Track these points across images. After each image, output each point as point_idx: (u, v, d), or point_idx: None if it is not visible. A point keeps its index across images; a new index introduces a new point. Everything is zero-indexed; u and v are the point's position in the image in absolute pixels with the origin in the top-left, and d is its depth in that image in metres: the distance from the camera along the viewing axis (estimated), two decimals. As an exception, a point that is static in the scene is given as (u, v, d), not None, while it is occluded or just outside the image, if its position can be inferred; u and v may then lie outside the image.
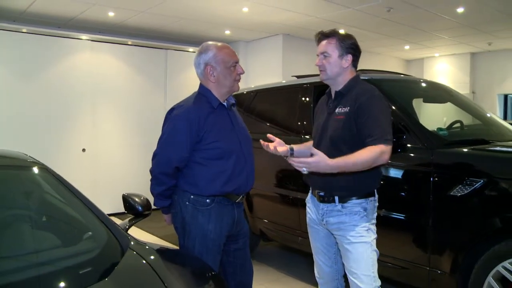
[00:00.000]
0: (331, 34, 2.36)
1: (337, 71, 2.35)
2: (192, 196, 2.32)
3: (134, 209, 2.48)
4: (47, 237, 2.08)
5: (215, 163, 2.30)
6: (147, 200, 2.51)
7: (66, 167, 5.76)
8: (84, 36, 6.57)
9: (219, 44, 2.42)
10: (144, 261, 1.88)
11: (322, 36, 2.39)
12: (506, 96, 9.75)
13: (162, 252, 2.09)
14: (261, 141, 2.38)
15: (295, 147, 2.49)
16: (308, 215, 2.55)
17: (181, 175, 2.37)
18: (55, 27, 6.87)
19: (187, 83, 7.16)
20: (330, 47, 2.34)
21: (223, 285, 1.91)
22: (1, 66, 5.86)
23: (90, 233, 2.12)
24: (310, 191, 2.54)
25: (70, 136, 6.39)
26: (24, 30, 6.09)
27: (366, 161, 2.09)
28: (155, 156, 2.38)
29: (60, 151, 6.18)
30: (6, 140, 5.34)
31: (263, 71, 7.86)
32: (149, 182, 2.41)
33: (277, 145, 2.39)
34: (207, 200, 2.32)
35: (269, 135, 2.39)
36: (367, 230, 2.29)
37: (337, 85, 2.39)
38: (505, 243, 2.46)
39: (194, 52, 7.43)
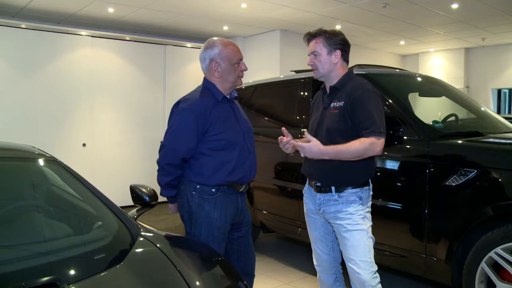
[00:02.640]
0: (318, 34, 2.46)
1: (329, 68, 2.45)
2: (198, 186, 2.41)
3: (141, 199, 2.54)
4: (60, 226, 2.15)
5: (220, 154, 2.39)
6: (154, 191, 2.57)
7: (66, 161, 5.76)
8: (84, 32, 6.62)
9: (225, 40, 2.49)
10: (155, 247, 1.96)
11: (310, 36, 2.49)
12: (499, 91, 9.87)
13: (171, 239, 2.16)
14: (280, 138, 2.45)
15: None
16: (305, 206, 2.66)
17: (187, 166, 2.44)
18: (55, 23, 6.91)
19: (186, 78, 7.24)
20: (319, 46, 2.44)
21: (230, 269, 1.99)
22: (1, 62, 5.90)
23: (101, 222, 2.19)
24: (307, 182, 2.64)
25: (71, 131, 6.45)
26: (23, 26, 6.12)
27: (356, 151, 2.24)
28: (162, 147, 2.45)
29: (60, 146, 6.23)
30: (6, 135, 5.38)
31: (261, 66, 7.93)
32: (149, 175, 2.48)
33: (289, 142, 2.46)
34: (213, 190, 2.40)
35: (283, 129, 2.46)
36: (363, 218, 2.40)
37: (331, 81, 2.49)
38: (497, 230, 2.55)
39: (192, 47, 7.51)
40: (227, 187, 2.43)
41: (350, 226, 2.38)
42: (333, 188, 2.42)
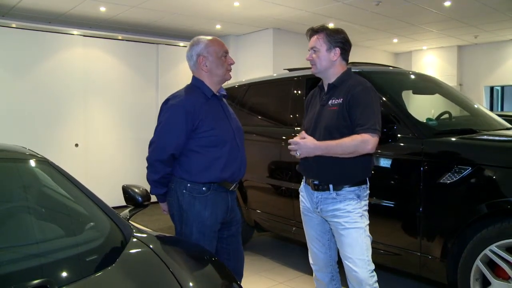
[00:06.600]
0: (319, 30, 2.48)
1: (326, 65, 2.45)
2: (189, 184, 2.39)
3: (134, 200, 2.52)
4: (52, 228, 2.12)
5: (211, 150, 2.38)
6: (147, 191, 2.56)
7: (59, 162, 5.73)
8: (75, 31, 6.56)
9: (209, 37, 2.53)
10: (147, 248, 1.94)
11: (312, 32, 2.51)
12: (492, 88, 9.92)
13: (163, 239, 2.14)
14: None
15: None
16: (302, 204, 2.64)
17: (178, 164, 2.43)
18: (46, 22, 6.85)
19: (179, 77, 7.21)
20: (319, 42, 2.45)
21: (222, 268, 1.97)
22: (-8, 62, 5.84)
23: (93, 223, 2.16)
24: (303, 180, 2.63)
25: (63, 131, 6.40)
26: (13, 25, 6.06)
27: (347, 147, 2.25)
28: (151, 144, 2.44)
29: (53, 147, 6.18)
30: (-2, 136, 5.33)
31: (254, 65, 7.92)
32: (142, 176, 2.46)
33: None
34: (204, 188, 2.39)
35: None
36: (360, 216, 2.39)
37: (329, 78, 2.48)
38: (492, 228, 2.55)
39: (185, 46, 7.47)
40: (218, 186, 2.42)
41: (348, 224, 2.37)
42: (331, 186, 2.41)
